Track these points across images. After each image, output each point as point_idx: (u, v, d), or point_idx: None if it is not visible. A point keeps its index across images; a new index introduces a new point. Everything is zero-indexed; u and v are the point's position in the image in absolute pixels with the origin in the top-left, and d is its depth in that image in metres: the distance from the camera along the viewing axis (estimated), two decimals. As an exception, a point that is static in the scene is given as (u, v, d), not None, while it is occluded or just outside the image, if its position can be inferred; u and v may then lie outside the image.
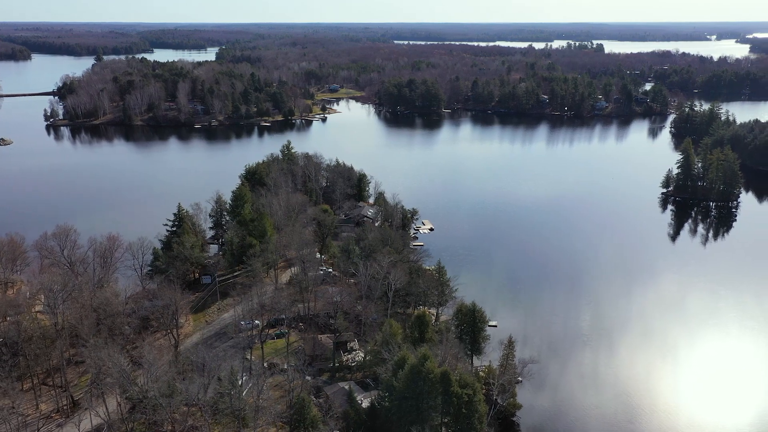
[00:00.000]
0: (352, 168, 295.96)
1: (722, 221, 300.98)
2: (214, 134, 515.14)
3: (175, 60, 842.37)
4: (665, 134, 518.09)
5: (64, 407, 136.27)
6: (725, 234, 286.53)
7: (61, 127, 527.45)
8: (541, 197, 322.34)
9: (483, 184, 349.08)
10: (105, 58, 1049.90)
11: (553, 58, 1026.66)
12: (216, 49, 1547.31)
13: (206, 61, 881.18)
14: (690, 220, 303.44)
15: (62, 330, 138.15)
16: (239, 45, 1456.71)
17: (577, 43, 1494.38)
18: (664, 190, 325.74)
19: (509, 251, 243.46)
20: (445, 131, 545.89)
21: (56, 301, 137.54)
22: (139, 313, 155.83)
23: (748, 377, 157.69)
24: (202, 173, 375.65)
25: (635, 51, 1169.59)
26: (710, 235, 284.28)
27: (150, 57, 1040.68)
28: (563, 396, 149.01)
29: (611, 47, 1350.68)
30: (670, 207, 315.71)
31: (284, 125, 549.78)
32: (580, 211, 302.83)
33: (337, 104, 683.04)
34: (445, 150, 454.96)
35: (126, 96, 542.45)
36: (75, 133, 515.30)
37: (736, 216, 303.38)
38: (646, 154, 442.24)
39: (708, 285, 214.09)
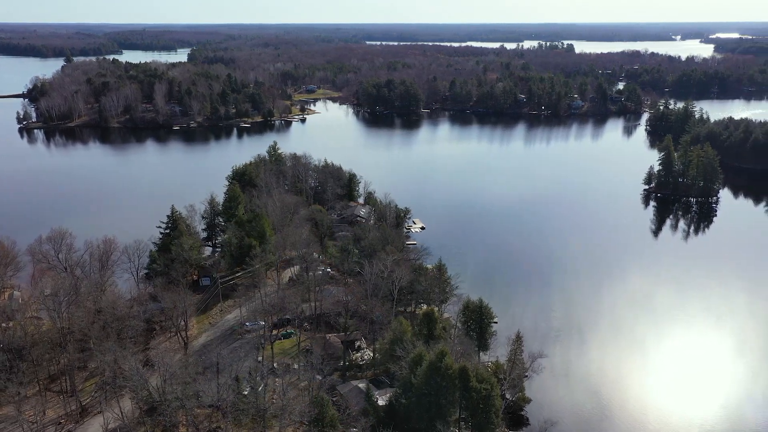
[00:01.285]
0: (341, 168, 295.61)
1: (703, 217, 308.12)
2: (193, 136, 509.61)
3: (148, 61, 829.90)
4: (641, 132, 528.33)
5: (73, 412, 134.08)
6: (706, 229, 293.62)
7: (35, 130, 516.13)
8: (526, 195, 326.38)
9: (467, 183, 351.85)
10: (74, 59, 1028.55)
11: (527, 58, 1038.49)
12: (187, 51, 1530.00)
13: (180, 63, 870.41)
14: (671, 216, 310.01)
15: (69, 334, 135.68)
16: (210, 46, 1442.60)
17: (548, 44, 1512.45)
18: (646, 187, 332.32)
19: (499, 250, 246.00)
20: (425, 131, 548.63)
21: (61, 305, 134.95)
22: (147, 315, 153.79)
23: (714, 371, 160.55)
24: (186, 175, 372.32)
25: (605, 51, 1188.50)
26: (691, 230, 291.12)
27: (120, 58, 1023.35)
28: (569, 389, 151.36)
29: (581, 47, 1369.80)
30: (652, 203, 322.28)
31: (264, 126, 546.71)
32: (565, 208, 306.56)
33: (314, 105, 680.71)
34: (426, 150, 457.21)
35: (101, 98, 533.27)
36: (50, 135, 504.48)
37: (716, 211, 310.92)
38: (625, 152, 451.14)
39: (686, 279, 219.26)
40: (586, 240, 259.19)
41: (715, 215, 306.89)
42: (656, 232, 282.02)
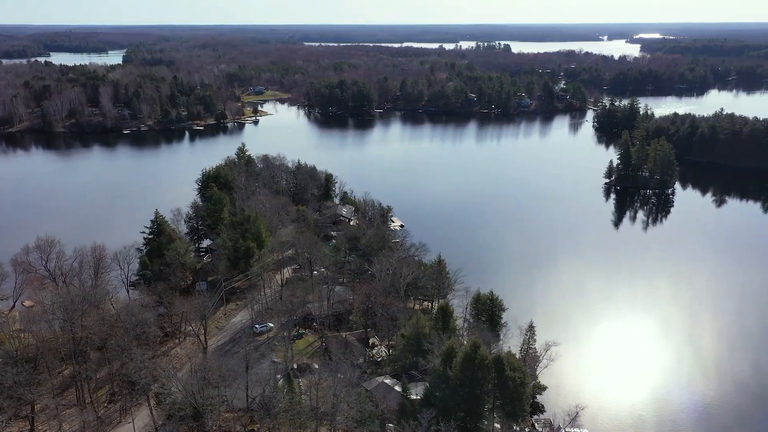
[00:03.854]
0: (315, 168, 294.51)
1: (660, 207, 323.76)
2: (144, 139, 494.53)
3: (85, 64, 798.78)
4: (588, 129, 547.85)
5: (90, 424, 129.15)
6: (663, 219, 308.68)
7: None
8: (493, 192, 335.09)
9: (434, 181, 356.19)
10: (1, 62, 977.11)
11: (468, 58, 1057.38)
12: (119, 52, 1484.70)
13: (119, 65, 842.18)
14: (630, 207, 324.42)
15: (86, 344, 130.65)
16: (145, 47, 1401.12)
17: (486, 44, 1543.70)
18: (607, 180, 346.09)
19: (477, 244, 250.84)
20: (379, 131, 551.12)
21: (74, 314, 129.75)
22: (162, 321, 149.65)
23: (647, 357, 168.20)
24: (149, 179, 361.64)
25: (543, 51, 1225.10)
26: (650, 219, 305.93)
27: (50, 61, 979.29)
28: (580, 377, 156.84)
29: (517, 47, 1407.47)
30: (612, 196, 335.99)
31: (216, 128, 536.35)
32: (532, 203, 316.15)
33: (262, 106, 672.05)
34: (384, 149, 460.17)
35: (43, 102, 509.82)
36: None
37: (673, 202, 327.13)
38: (578, 148, 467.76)
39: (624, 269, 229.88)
40: (555, 231, 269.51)
41: (672, 205, 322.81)
42: (617, 223, 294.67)
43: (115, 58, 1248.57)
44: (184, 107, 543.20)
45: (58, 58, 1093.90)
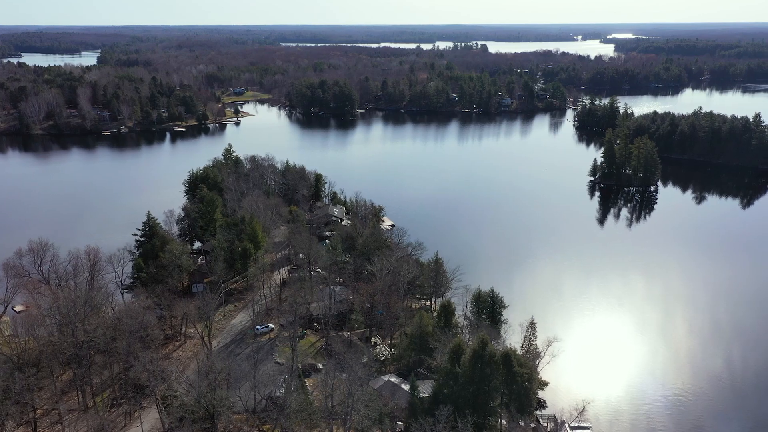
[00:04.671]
0: (304, 169, 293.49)
1: (644, 204, 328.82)
2: (125, 141, 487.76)
3: (60, 65, 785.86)
4: (569, 127, 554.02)
5: (97, 427, 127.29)
6: (648, 216, 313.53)
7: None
8: (480, 189, 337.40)
9: (420, 181, 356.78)
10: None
11: (447, 58, 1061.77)
12: (92, 53, 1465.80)
13: (94, 66, 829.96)
14: (615, 205, 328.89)
15: (88, 348, 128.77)
16: (119, 48, 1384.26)
17: (463, 44, 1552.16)
18: (592, 178, 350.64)
19: (469, 242, 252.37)
20: (362, 131, 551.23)
21: (76, 317, 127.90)
22: (162, 323, 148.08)
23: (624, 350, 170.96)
24: (133, 181, 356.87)
25: (520, 51, 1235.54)
26: (634, 216, 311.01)
27: (22, 62, 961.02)
28: (578, 372, 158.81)
29: (494, 48, 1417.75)
30: (597, 193, 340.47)
31: (198, 130, 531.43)
32: (519, 201, 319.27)
33: (242, 107, 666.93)
34: (368, 149, 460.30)
35: (20, 104, 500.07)
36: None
37: (656, 199, 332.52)
38: (560, 147, 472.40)
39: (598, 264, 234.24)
40: (543, 229, 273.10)
41: (656, 203, 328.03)
42: (601, 220, 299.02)
43: (89, 58, 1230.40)
44: (165, 108, 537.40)
45: (31, 59, 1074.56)
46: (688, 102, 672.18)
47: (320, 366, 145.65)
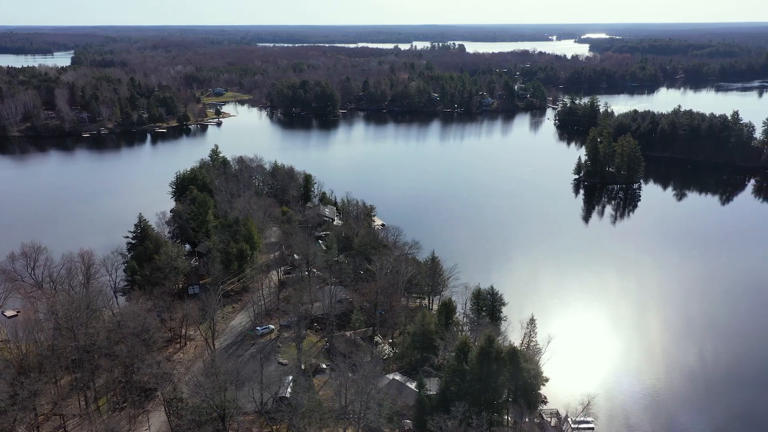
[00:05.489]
0: (293, 169, 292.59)
1: (628, 201, 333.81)
2: (104, 143, 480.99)
3: (35, 65, 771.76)
4: (550, 126, 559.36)
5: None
6: (631, 212, 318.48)
7: None
8: (466, 189, 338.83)
9: (405, 180, 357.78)
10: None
11: (425, 58, 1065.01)
12: (65, 54, 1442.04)
13: (69, 66, 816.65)
14: (599, 202, 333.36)
15: (89, 351, 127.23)
16: (93, 49, 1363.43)
17: (441, 44, 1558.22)
18: (576, 176, 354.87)
19: (460, 240, 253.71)
20: (344, 131, 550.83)
21: (77, 321, 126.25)
22: (161, 325, 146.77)
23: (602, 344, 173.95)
24: (115, 183, 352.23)
25: (497, 51, 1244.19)
26: (618, 213, 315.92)
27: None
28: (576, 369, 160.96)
29: (471, 48, 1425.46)
30: (581, 191, 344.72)
31: (179, 131, 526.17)
32: (506, 200, 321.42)
33: (222, 108, 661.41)
34: (351, 149, 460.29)
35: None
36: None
37: (639, 196, 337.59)
38: (542, 145, 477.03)
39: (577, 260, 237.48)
40: (532, 226, 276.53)
41: (640, 200, 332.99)
42: (586, 217, 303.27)
43: (62, 59, 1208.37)
44: (145, 109, 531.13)
45: (2, 60, 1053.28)
46: (663, 101, 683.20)
47: (324, 366, 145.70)
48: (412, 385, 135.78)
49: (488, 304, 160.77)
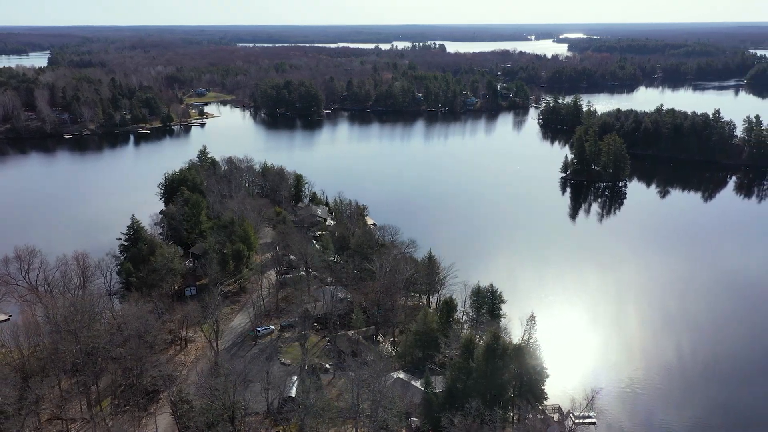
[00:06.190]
0: (283, 169, 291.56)
1: (614, 198, 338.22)
2: (87, 144, 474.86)
3: (13, 66, 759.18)
4: (533, 125, 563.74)
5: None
6: (618, 209, 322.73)
7: None
8: (455, 186, 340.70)
9: (391, 180, 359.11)
10: None
11: (407, 58, 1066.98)
12: (42, 54, 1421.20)
13: (47, 67, 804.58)
14: (585, 199, 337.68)
15: (92, 354, 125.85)
16: (69, 49, 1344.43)
17: (421, 44, 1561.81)
18: (563, 175, 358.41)
19: (452, 238, 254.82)
20: (329, 132, 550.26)
21: (80, 324, 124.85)
22: (169, 326, 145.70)
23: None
24: (99, 185, 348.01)
25: (478, 51, 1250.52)
26: (604, 210, 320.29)
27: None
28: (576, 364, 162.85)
29: (450, 47, 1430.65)
30: (568, 189, 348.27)
31: (163, 132, 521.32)
32: (494, 198, 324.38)
33: (204, 108, 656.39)
34: (336, 149, 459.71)
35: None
36: None
37: (625, 194, 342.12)
38: (527, 144, 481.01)
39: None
40: (522, 224, 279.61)
41: (626, 197, 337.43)
42: (573, 215, 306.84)
43: (38, 60, 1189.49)
44: (128, 110, 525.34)
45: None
46: (643, 99, 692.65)
47: (327, 366, 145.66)
48: (417, 383, 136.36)
49: (488, 302, 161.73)
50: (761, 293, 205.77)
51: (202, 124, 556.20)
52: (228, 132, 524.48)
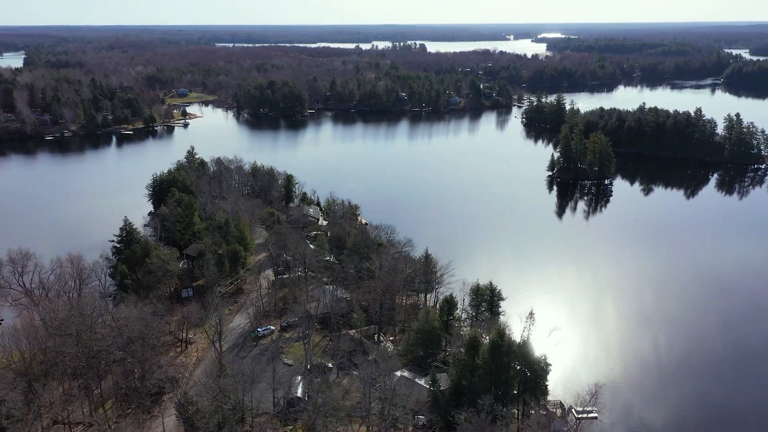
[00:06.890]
0: (273, 169, 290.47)
1: (600, 196, 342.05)
2: (68, 146, 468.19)
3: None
4: (518, 124, 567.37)
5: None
6: (603, 207, 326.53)
7: None
8: (441, 188, 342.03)
9: (378, 179, 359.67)
10: None
11: (389, 57, 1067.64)
12: (17, 54, 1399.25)
13: (24, 67, 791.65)
14: (572, 197, 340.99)
15: (96, 357, 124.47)
16: (45, 49, 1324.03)
17: (402, 44, 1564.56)
18: (550, 173, 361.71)
19: (446, 237, 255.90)
20: (313, 132, 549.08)
21: (83, 327, 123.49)
22: (168, 328, 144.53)
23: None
24: (84, 186, 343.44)
25: (459, 50, 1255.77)
26: (591, 208, 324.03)
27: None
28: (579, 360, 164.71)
29: (431, 47, 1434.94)
30: (555, 187, 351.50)
31: (146, 132, 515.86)
32: (482, 197, 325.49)
33: (186, 108, 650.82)
34: (320, 149, 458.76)
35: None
36: None
37: (611, 191, 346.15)
38: (511, 143, 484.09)
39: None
40: (513, 222, 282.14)
41: (612, 195, 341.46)
42: (560, 213, 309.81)
43: (13, 60, 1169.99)
44: (109, 111, 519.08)
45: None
46: (623, 98, 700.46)
47: (330, 365, 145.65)
48: (421, 381, 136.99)
49: (487, 300, 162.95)
50: (738, 288, 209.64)
51: (186, 125, 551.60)
52: (211, 132, 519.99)
